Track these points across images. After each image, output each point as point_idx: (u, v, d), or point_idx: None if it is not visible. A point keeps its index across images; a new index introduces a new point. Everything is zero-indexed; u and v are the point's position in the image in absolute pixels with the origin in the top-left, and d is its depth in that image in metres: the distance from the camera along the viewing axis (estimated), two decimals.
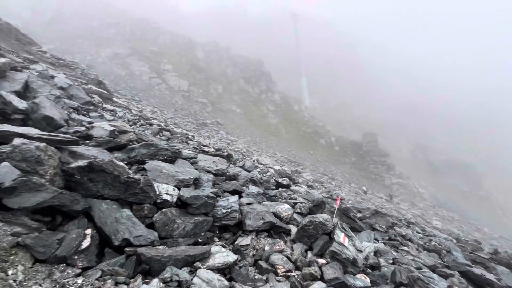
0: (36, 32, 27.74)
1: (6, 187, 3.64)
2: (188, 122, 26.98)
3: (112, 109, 13.02)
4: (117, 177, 4.86)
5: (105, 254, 3.99)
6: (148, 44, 41.91)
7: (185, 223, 5.10)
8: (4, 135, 4.72)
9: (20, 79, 8.33)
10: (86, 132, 7.58)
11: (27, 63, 12.13)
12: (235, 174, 9.37)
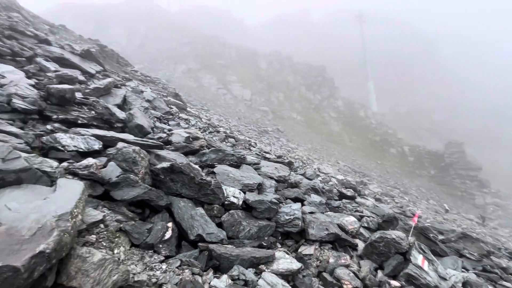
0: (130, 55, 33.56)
1: (113, 181, 4.48)
2: (250, 130, 28.14)
3: (186, 118, 14.64)
4: (192, 178, 5.44)
5: (182, 246, 4.48)
6: (216, 58, 45.86)
7: (250, 226, 5.32)
8: (111, 139, 5.85)
9: (120, 94, 10.19)
10: (167, 138, 8.75)
11: (124, 81, 14.75)
12: (297, 182, 9.30)
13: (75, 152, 5.15)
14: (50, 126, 5.72)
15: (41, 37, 12.60)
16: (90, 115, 6.99)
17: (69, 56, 12.07)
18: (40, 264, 2.23)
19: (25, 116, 5.74)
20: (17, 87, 6.28)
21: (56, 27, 18.13)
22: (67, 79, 8.82)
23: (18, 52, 9.56)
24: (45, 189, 3.45)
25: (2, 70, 7.10)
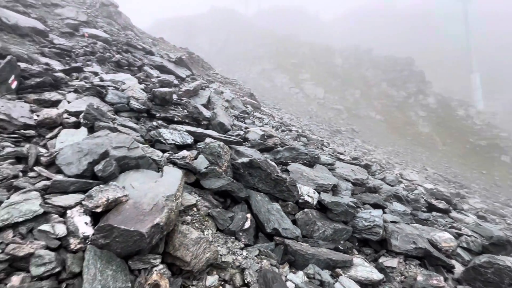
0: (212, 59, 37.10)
1: (202, 172, 5.09)
2: (322, 129, 27.20)
3: (260, 116, 15.25)
4: (269, 174, 5.67)
5: (259, 237, 4.74)
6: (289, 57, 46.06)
7: (325, 227, 5.20)
8: (200, 135, 6.64)
9: (206, 95, 11.42)
10: (244, 136, 9.36)
11: (207, 83, 16.40)
12: (376, 187, 8.54)
13: (173, 145, 6.08)
14: (155, 123, 6.92)
15: (147, 49, 15.22)
16: (183, 114, 8.11)
17: (166, 63, 14.24)
18: (157, 233, 2.76)
19: (138, 114, 7.10)
20: (133, 91, 7.81)
21: (157, 39, 21.60)
22: (166, 83, 10.41)
23: (132, 62, 11.83)
24: (155, 174, 4.21)
25: (123, 78, 8.95)
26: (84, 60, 9.40)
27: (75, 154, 3.64)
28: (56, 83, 6.61)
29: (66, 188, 3.12)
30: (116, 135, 4.30)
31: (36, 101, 5.58)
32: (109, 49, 12.10)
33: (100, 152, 3.80)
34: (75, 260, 2.38)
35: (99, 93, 6.73)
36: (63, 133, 4.34)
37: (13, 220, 2.39)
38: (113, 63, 10.68)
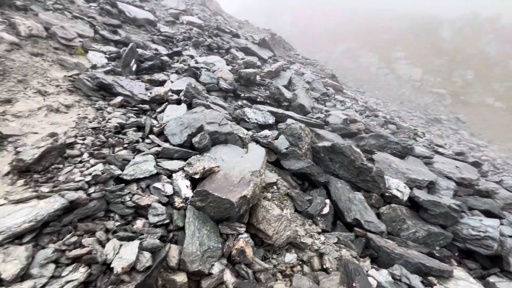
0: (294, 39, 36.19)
1: (283, 152, 5.13)
2: (415, 117, 23.43)
3: (342, 99, 14.18)
4: (352, 161, 5.27)
5: (337, 225, 4.53)
6: (380, 33, 40.51)
7: (417, 227, 4.55)
8: (281, 116, 6.66)
9: (287, 76, 11.29)
10: (324, 119, 8.91)
11: (288, 64, 16.15)
12: (489, 191, 6.89)
13: (256, 124, 6.31)
14: (240, 102, 7.30)
15: (234, 32, 15.94)
16: (266, 94, 8.26)
17: (250, 45, 14.64)
18: (244, 204, 2.95)
19: (225, 93, 7.62)
20: (222, 72, 8.38)
21: (242, 22, 22.35)
22: (250, 65, 10.73)
23: (220, 46, 12.64)
24: (241, 150, 4.47)
25: (213, 60, 9.68)
26: (182, 45, 10.59)
27: (178, 127, 4.19)
28: (162, 66, 7.69)
29: (171, 155, 3.65)
30: (209, 112, 4.73)
31: (149, 80, 6.65)
32: (202, 34, 13.23)
33: (197, 126, 4.26)
34: (179, 216, 2.80)
35: (195, 74, 7.49)
36: (168, 108, 5.05)
37: (136, 176, 2.96)
38: (205, 47, 11.66)
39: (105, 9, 9.92)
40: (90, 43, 7.03)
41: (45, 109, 4.11)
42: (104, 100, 4.87)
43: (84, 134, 3.51)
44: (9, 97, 4.06)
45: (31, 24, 6.08)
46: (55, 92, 4.68)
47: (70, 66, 5.68)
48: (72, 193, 2.32)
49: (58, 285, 1.71)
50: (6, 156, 2.96)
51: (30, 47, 5.60)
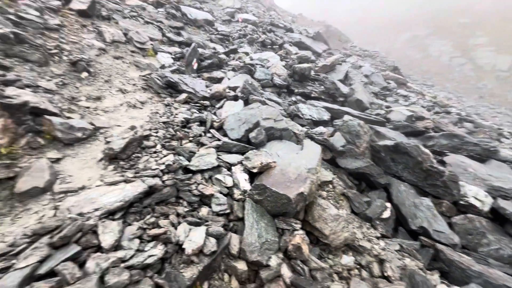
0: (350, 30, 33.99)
1: (339, 150, 4.92)
2: (499, 114, 19.83)
3: (406, 94, 12.83)
4: (419, 163, 4.75)
5: (399, 231, 4.18)
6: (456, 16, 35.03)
7: (500, 244, 3.89)
8: (338, 112, 6.38)
9: (343, 70, 10.71)
10: (384, 115, 8.22)
11: (344, 57, 15.28)
12: None
13: (310, 120, 6.18)
14: (294, 98, 7.23)
15: (287, 27, 15.76)
16: (320, 90, 8.00)
17: (304, 39, 14.29)
18: (301, 201, 2.94)
19: (279, 89, 7.63)
20: (276, 68, 8.40)
21: (296, 16, 21.92)
22: (304, 59, 10.50)
23: (274, 41, 12.64)
24: (295, 146, 4.45)
25: (267, 56, 9.76)
26: (238, 43, 10.93)
27: (236, 122, 4.38)
28: (220, 63, 8.08)
29: (230, 149, 3.84)
30: (265, 108, 4.81)
31: (208, 78, 7.07)
32: (256, 30, 13.43)
33: (253, 122, 4.38)
34: (238, 207, 2.95)
35: (250, 70, 7.68)
36: (226, 104, 5.30)
37: (201, 167, 3.21)
38: (259, 43, 11.82)
39: (170, 13, 10.85)
40: (159, 45, 7.80)
41: (125, 105, 4.74)
42: (171, 97, 5.38)
43: (157, 127, 3.94)
44: (99, 95, 4.79)
45: (114, 31, 7.02)
46: (132, 90, 5.35)
47: (143, 67, 6.40)
48: (150, 179, 2.65)
49: (143, 257, 1.99)
50: (99, 145, 3.52)
51: (113, 51, 6.49)
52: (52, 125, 3.30)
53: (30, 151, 3.09)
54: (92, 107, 4.36)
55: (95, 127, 3.77)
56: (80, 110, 4.13)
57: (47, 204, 2.50)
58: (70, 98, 4.33)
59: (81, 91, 4.70)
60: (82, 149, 3.37)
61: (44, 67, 4.76)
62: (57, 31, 5.98)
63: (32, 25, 5.56)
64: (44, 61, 4.82)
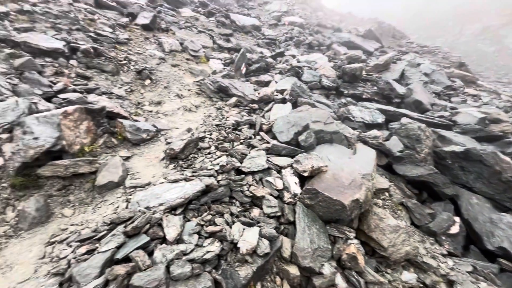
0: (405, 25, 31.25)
1: (396, 156, 4.54)
2: None
3: (475, 93, 11.24)
4: (497, 173, 4.10)
5: (470, 250, 3.66)
6: None
7: None
8: (394, 114, 5.91)
9: (398, 69, 9.88)
10: (449, 118, 7.31)
11: (400, 55, 14.10)
12: None
13: (362, 123, 5.84)
14: (343, 100, 6.92)
15: (335, 27, 15.23)
16: (373, 90, 7.51)
17: (354, 38, 13.62)
18: (356, 208, 2.79)
19: (328, 91, 7.39)
20: (324, 70, 8.17)
21: (344, 15, 21.04)
22: (354, 59, 10.00)
23: (321, 42, 12.33)
24: (347, 150, 4.24)
25: (315, 57, 9.56)
26: (285, 46, 10.95)
27: (285, 125, 4.37)
28: (267, 67, 8.19)
29: (279, 151, 3.84)
30: (315, 110, 4.70)
31: (256, 82, 7.22)
32: (303, 32, 13.27)
33: (302, 125, 4.32)
34: (289, 211, 2.92)
35: (297, 73, 7.61)
36: (274, 107, 5.33)
37: (252, 169, 3.28)
38: (306, 45, 11.65)
39: (220, 21, 11.41)
40: (211, 52, 8.25)
41: (182, 109, 5.12)
42: (222, 101, 5.63)
43: (210, 130, 4.16)
44: (159, 100, 5.27)
45: (172, 41, 7.66)
46: (187, 95, 5.76)
47: (197, 73, 6.85)
48: (207, 178, 2.81)
49: (202, 252, 2.11)
50: (160, 145, 3.87)
51: (171, 60, 7.08)
52: (123, 127, 3.74)
53: (106, 149, 3.54)
54: (154, 111, 4.81)
55: (157, 129, 4.15)
56: (144, 114, 4.59)
57: (120, 196, 2.84)
58: (136, 103, 4.85)
59: (145, 96, 5.24)
60: (147, 149, 3.74)
61: (116, 76, 5.43)
62: (126, 44, 6.77)
63: (107, 40, 6.40)
64: (116, 71, 5.50)
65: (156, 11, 9.74)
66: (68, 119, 3.10)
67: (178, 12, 11.22)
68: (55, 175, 2.81)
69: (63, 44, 5.24)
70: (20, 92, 3.68)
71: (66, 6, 7.37)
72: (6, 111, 3.10)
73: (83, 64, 5.29)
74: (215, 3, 14.27)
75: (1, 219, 2.43)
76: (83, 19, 6.96)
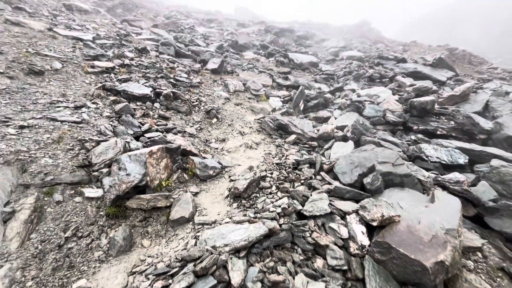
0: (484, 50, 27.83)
1: (488, 206, 3.80)
2: None
3: None
4: None
5: None
6: None
7: None
8: (480, 154, 5.09)
9: (481, 100, 8.65)
10: None
11: (480, 83, 12.43)
12: None
13: (438, 163, 5.16)
14: (413, 136, 6.31)
15: (398, 57, 14.53)
16: (449, 126, 6.68)
17: (421, 68, 12.69)
18: (441, 273, 2.38)
19: (393, 127, 6.87)
20: (388, 104, 7.72)
21: (408, 44, 20.01)
22: (423, 91, 9.24)
23: (383, 74, 11.83)
24: (422, 196, 3.76)
25: (377, 91, 9.17)
26: (343, 80, 10.87)
27: (348, 165, 4.18)
28: (325, 103, 8.18)
29: (343, 194, 3.64)
30: (381, 150, 4.40)
31: (315, 118, 7.23)
32: (362, 65, 13.04)
33: (368, 166, 4.06)
34: (357, 265, 2.67)
35: (358, 108, 7.37)
36: (335, 145, 5.20)
37: (314, 213, 3.17)
38: (366, 78, 11.34)
39: (279, 61, 12.14)
40: (270, 91, 8.74)
41: (244, 146, 5.42)
42: (281, 138, 5.78)
43: (271, 168, 4.26)
44: (224, 137, 5.71)
45: (236, 83, 8.43)
46: (249, 132, 6.10)
47: (257, 111, 7.27)
48: (269, 222, 2.82)
49: None
50: (224, 182, 4.11)
51: (234, 99, 7.73)
52: (194, 164, 4.14)
53: (179, 184, 3.93)
54: (219, 148, 5.21)
55: (222, 166, 4.45)
56: (211, 151, 5.01)
57: (189, 232, 3.06)
58: (204, 140, 5.35)
59: (211, 134, 5.75)
60: (212, 185, 4.02)
61: (188, 116, 6.15)
62: (198, 87, 7.72)
63: (183, 85, 7.41)
64: (189, 111, 6.25)
65: (223, 56, 11.00)
66: (152, 158, 3.60)
67: (242, 55, 12.43)
68: (139, 208, 3.23)
69: (150, 90, 6.29)
70: (118, 133, 4.48)
71: (154, 58, 8.96)
72: (108, 149, 3.79)
73: (164, 106, 6.19)
74: (274, 44, 15.37)
75: (97, 245, 2.86)
76: (165, 67, 8.30)
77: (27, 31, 7.75)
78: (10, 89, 4.89)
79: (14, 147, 3.40)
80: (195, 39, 13.19)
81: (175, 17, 19.98)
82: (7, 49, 6.29)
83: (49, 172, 3.25)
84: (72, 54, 7.16)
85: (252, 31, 19.53)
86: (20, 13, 9.30)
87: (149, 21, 16.81)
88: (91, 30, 10.13)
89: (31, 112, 4.36)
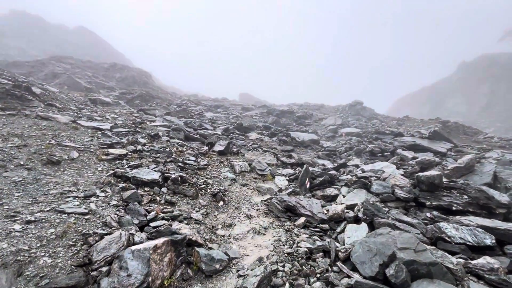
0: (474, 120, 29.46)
1: None
2: None
3: None
4: None
5: None
6: None
7: None
8: (507, 234, 4.71)
9: (488, 171, 8.62)
10: None
11: (481, 153, 12.65)
12: None
13: (464, 245, 4.74)
14: (429, 214, 6.02)
15: (395, 132, 15.33)
16: (463, 201, 6.44)
17: (419, 141, 13.21)
18: None
19: (405, 203, 6.66)
20: (394, 179, 7.69)
21: (401, 119, 21.44)
22: (427, 164, 9.34)
23: (383, 148, 12.24)
24: None
25: (381, 166, 9.29)
26: (345, 156, 11.19)
27: (365, 253, 3.85)
28: (331, 180, 8.19)
29: None
30: (398, 234, 4.13)
31: (322, 196, 7.11)
32: (362, 141, 13.64)
33: (387, 254, 3.74)
34: None
35: (365, 184, 7.32)
36: (348, 228, 4.93)
37: None
38: (368, 153, 11.68)
39: (282, 140, 12.82)
40: (275, 170, 8.91)
41: (251, 231, 5.16)
42: (290, 221, 5.55)
43: (283, 260, 3.93)
44: (230, 222, 5.51)
45: (241, 163, 8.70)
46: (256, 215, 5.92)
47: (264, 191, 7.24)
48: None
49: None
50: (232, 278, 3.74)
51: (241, 180, 7.82)
52: (199, 257, 3.86)
53: (182, 282, 3.58)
54: (226, 235, 4.96)
55: (229, 257, 4.14)
56: (217, 240, 4.75)
57: None
58: (210, 227, 5.14)
59: (218, 219, 5.57)
60: (219, 283, 3.64)
61: (195, 200, 6.10)
62: (205, 169, 7.92)
63: (191, 168, 7.64)
64: (195, 195, 6.24)
65: (229, 138, 11.72)
66: (157, 253, 3.40)
67: (246, 136, 13.24)
68: None
69: (159, 175, 6.46)
70: (123, 223, 4.38)
71: (164, 142, 9.55)
72: (111, 244, 3.63)
73: (171, 191, 6.22)
74: (276, 125, 16.57)
75: None
76: (175, 151, 8.75)
77: (53, 124, 8.60)
78: (25, 180, 5.08)
79: (16, 246, 3.28)
80: (203, 124, 14.37)
81: (186, 105, 22.32)
82: (32, 142, 6.84)
83: (46, 274, 3.03)
84: (90, 143, 7.72)
85: (255, 114, 21.38)
86: (50, 109, 10.53)
87: (163, 109, 18.74)
88: (110, 120, 11.21)
89: (40, 204, 4.39)
